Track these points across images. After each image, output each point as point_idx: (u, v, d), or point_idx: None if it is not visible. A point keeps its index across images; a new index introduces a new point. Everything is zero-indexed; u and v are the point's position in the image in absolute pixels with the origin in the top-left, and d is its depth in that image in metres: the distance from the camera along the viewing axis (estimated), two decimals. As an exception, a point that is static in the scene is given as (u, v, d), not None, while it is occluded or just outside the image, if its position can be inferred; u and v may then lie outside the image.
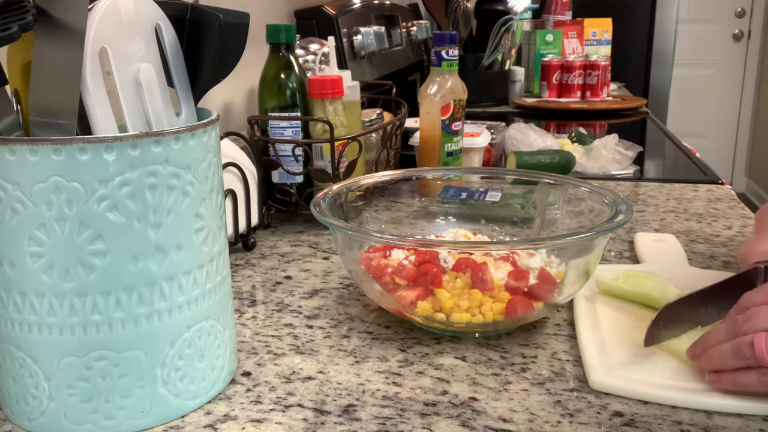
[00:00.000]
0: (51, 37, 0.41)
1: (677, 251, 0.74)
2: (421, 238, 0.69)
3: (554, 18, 2.23)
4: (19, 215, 0.40)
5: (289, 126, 0.84)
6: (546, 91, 1.87)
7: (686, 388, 0.47)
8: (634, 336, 0.54)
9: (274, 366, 0.53)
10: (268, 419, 0.46)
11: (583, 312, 0.58)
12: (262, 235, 0.84)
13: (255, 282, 0.70)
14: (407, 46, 1.79)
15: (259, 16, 1.21)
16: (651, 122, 1.67)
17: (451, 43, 0.96)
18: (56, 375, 0.43)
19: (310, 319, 0.61)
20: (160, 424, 0.45)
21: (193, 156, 0.44)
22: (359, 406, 0.47)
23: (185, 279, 0.44)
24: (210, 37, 0.48)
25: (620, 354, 0.51)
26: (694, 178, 1.10)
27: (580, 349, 0.53)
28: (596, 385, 0.48)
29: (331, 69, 0.92)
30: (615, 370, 0.49)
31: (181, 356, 0.45)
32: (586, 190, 0.64)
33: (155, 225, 0.42)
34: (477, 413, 0.46)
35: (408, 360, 0.53)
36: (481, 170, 0.75)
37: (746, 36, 3.93)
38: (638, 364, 0.50)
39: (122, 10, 0.44)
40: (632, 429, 0.44)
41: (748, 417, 0.45)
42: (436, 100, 0.96)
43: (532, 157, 1.09)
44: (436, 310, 0.55)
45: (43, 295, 0.41)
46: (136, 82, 0.45)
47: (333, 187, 0.64)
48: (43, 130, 0.41)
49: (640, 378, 0.48)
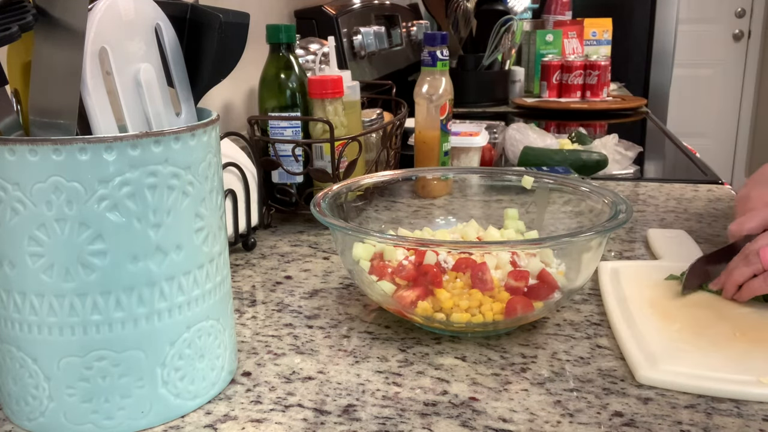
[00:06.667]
0: (51, 37, 0.41)
1: (691, 246, 0.75)
2: (421, 238, 0.69)
3: (554, 18, 2.23)
4: (19, 215, 0.40)
5: (289, 126, 0.84)
6: (546, 91, 1.87)
7: (731, 379, 0.49)
8: (670, 330, 0.55)
9: (274, 366, 0.53)
10: (268, 419, 0.46)
11: (615, 308, 0.60)
12: (262, 235, 0.84)
13: (255, 282, 0.70)
14: (407, 46, 1.79)
15: (259, 16, 1.21)
16: (651, 122, 1.67)
17: (443, 43, 0.96)
18: (56, 375, 0.43)
19: (310, 319, 0.61)
20: (160, 424, 0.45)
21: (193, 156, 0.44)
22: (359, 406, 0.47)
23: (185, 279, 0.44)
24: (210, 37, 0.48)
25: (660, 349, 0.52)
26: (694, 178, 1.10)
27: (620, 345, 0.54)
28: (644, 380, 0.49)
29: (331, 69, 0.92)
30: (659, 365, 0.50)
31: (181, 356, 0.45)
32: (586, 190, 0.64)
33: (155, 225, 0.42)
34: (477, 413, 0.46)
35: (408, 360, 0.53)
36: (481, 170, 0.75)
37: (746, 36, 3.93)
38: (681, 358, 0.51)
39: (122, 10, 0.44)
40: (632, 429, 0.44)
41: (748, 417, 0.45)
42: (435, 100, 0.96)
43: (573, 154, 1.11)
44: (436, 310, 0.55)
45: (43, 295, 0.41)
46: (136, 82, 0.45)
47: (333, 187, 0.64)
48: (43, 130, 0.41)
49: (686, 371, 0.50)
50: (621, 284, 0.64)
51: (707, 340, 0.54)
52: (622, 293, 0.62)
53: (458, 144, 1.05)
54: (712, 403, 0.47)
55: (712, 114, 4.09)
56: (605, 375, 0.51)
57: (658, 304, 0.60)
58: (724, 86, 4.04)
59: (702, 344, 0.53)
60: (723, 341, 0.53)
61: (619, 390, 0.49)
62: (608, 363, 0.53)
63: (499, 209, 0.72)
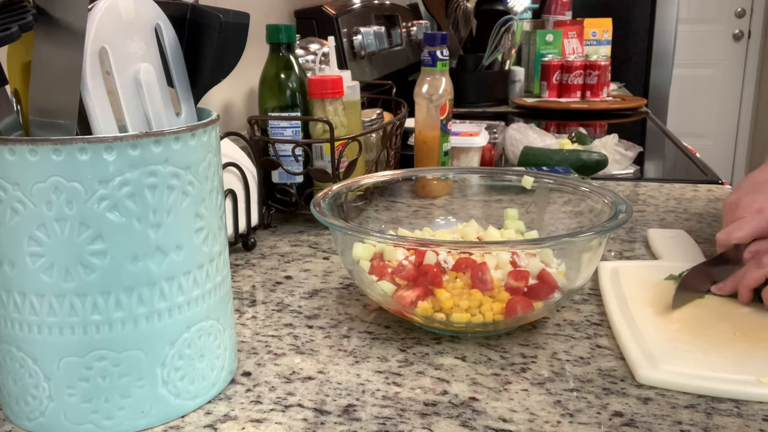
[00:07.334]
0: (51, 37, 0.41)
1: (691, 246, 0.75)
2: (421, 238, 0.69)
3: (554, 18, 2.23)
4: (19, 215, 0.40)
5: (289, 126, 0.84)
6: (546, 91, 1.87)
7: (733, 379, 0.49)
8: (670, 330, 0.55)
9: (274, 366, 0.53)
10: (268, 419, 0.46)
11: (615, 308, 0.60)
12: (262, 235, 0.84)
13: (255, 282, 0.70)
14: (407, 46, 1.79)
15: (259, 16, 1.21)
16: (651, 122, 1.67)
17: (443, 43, 0.96)
18: (56, 375, 0.43)
19: (310, 319, 0.61)
20: (160, 424, 0.45)
21: (193, 156, 0.44)
22: (359, 406, 0.47)
23: (185, 279, 0.44)
24: (210, 37, 0.48)
25: (660, 349, 0.52)
26: (694, 178, 1.10)
27: (621, 345, 0.54)
28: (644, 380, 0.49)
29: (331, 69, 0.92)
30: (659, 365, 0.50)
31: (181, 356, 0.45)
32: (586, 190, 0.64)
33: (155, 225, 0.42)
34: (477, 413, 0.46)
35: (408, 360, 0.53)
36: (481, 170, 0.75)
37: (746, 36, 3.93)
38: (681, 358, 0.51)
39: (122, 10, 0.44)
40: (632, 429, 0.44)
41: (748, 417, 0.45)
42: (435, 100, 0.96)
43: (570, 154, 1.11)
44: (436, 310, 0.55)
45: (43, 295, 0.41)
46: (136, 82, 0.45)
47: (333, 187, 0.64)
48: (43, 130, 0.41)
49: (686, 371, 0.50)
50: (621, 284, 0.64)
51: (707, 340, 0.54)
52: (622, 293, 0.62)
53: (458, 144, 1.05)
54: (712, 403, 0.47)
55: (712, 114, 4.09)
56: (605, 375, 0.51)
57: (658, 304, 0.60)
58: (724, 86, 4.04)
59: (702, 344, 0.53)
60: (723, 341, 0.53)
61: (619, 390, 0.49)
62: (608, 363, 0.53)
63: (499, 209, 0.72)
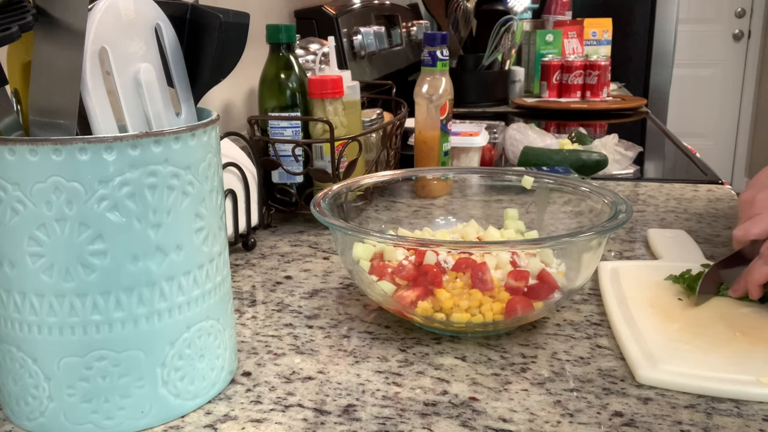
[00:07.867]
0: (51, 37, 0.41)
1: (691, 246, 0.75)
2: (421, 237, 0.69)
3: (554, 18, 2.23)
4: (19, 215, 0.40)
5: (289, 126, 0.84)
6: (546, 91, 1.87)
7: (732, 379, 0.49)
8: (670, 330, 0.55)
9: (274, 366, 0.53)
10: (268, 419, 0.46)
11: (615, 308, 0.60)
12: (262, 235, 0.84)
13: (255, 282, 0.70)
14: (407, 46, 1.79)
15: (259, 16, 1.21)
16: (651, 122, 1.67)
17: (443, 43, 0.96)
18: (56, 375, 0.43)
19: (310, 319, 0.61)
20: (160, 424, 0.45)
21: (193, 156, 0.44)
22: (359, 406, 0.47)
23: (185, 279, 0.44)
24: (210, 37, 0.48)
25: (660, 349, 0.52)
26: (694, 178, 1.10)
27: (620, 345, 0.54)
28: (644, 380, 0.49)
29: (331, 69, 0.92)
30: (659, 365, 0.50)
31: (181, 356, 0.45)
32: (586, 190, 0.64)
33: (155, 225, 0.42)
34: (477, 413, 0.46)
35: (408, 360, 0.53)
36: (481, 170, 0.75)
37: (746, 36, 3.93)
38: (681, 358, 0.51)
39: (122, 10, 0.44)
40: (632, 429, 0.44)
41: (748, 417, 0.45)
42: (435, 100, 0.96)
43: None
44: (436, 310, 0.55)
45: (43, 295, 0.41)
46: (136, 82, 0.45)
47: (333, 187, 0.64)
48: (43, 130, 0.41)
49: (686, 371, 0.50)
50: (621, 284, 0.64)
51: (707, 340, 0.54)
52: (622, 293, 0.62)
53: (458, 144, 1.05)
54: (712, 403, 0.47)
55: (712, 114, 4.09)
56: (605, 375, 0.51)
57: (658, 304, 0.60)
58: (724, 86, 4.04)
59: (702, 344, 0.53)
60: (723, 341, 0.53)
61: (619, 390, 0.49)
62: (608, 363, 0.53)
63: (499, 209, 0.72)
